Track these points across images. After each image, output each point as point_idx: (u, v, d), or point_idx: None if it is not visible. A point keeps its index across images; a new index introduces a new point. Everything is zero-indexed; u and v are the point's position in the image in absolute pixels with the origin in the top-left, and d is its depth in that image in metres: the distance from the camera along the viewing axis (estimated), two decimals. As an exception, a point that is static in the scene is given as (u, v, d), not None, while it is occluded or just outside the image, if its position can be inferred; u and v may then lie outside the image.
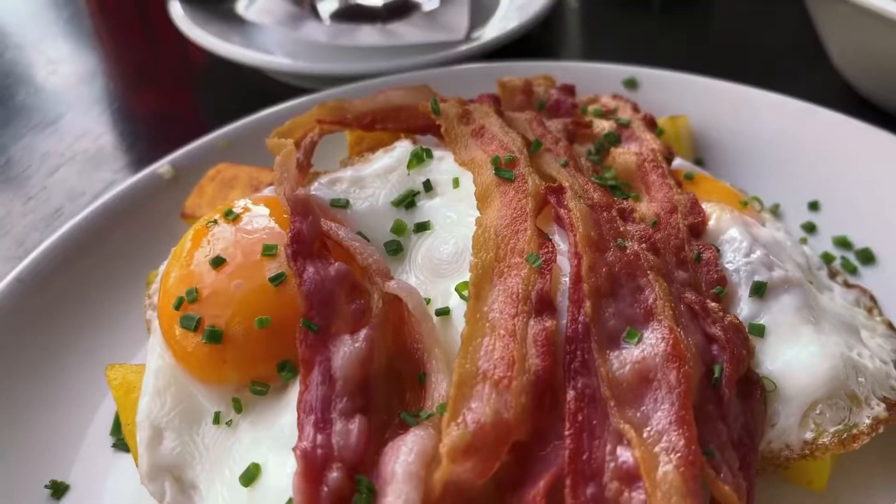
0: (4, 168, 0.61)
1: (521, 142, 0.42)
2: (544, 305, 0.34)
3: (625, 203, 0.40)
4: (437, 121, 0.44)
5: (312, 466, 0.31)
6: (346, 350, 0.34)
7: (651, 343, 0.33)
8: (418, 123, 0.47)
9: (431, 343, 0.35)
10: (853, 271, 0.49)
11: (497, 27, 0.71)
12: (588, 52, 0.79)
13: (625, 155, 0.45)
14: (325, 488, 0.31)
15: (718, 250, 0.40)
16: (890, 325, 0.45)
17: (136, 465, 0.37)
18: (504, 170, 0.39)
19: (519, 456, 0.33)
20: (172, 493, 0.36)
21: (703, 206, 0.42)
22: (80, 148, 0.63)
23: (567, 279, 0.35)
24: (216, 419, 0.36)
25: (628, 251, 0.36)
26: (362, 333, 0.34)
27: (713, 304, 0.37)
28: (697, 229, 0.40)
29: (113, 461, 0.40)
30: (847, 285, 0.47)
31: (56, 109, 0.67)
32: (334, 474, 0.31)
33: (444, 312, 0.37)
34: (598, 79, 0.58)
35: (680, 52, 0.74)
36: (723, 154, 0.56)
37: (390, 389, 0.35)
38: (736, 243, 0.40)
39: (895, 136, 0.51)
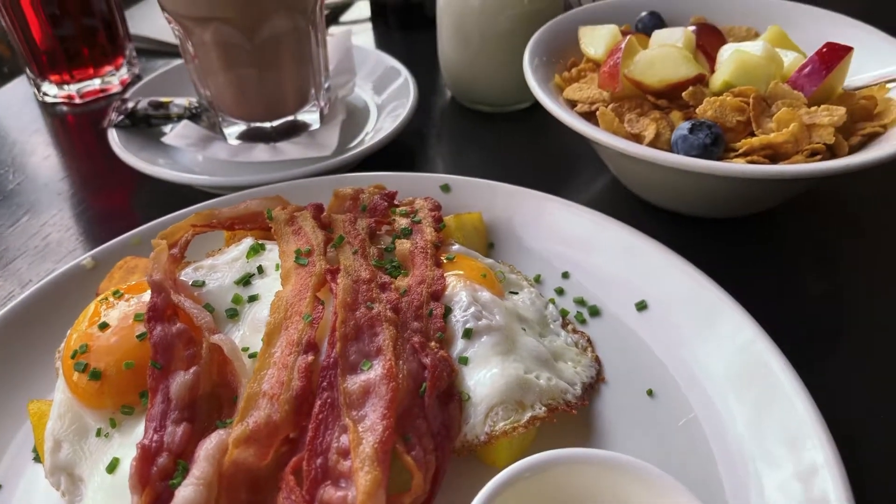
0: (-28, 262, 0.80)
1: (322, 237, 0.61)
2: (310, 347, 0.52)
3: (386, 278, 0.59)
4: (270, 224, 0.64)
5: (147, 454, 0.48)
6: (180, 381, 0.51)
7: (376, 369, 0.51)
8: (264, 225, 0.67)
9: (242, 376, 0.53)
10: (583, 322, 0.67)
11: (369, 139, 0.92)
12: (456, 151, 0.99)
13: (403, 244, 0.64)
14: (155, 468, 0.48)
15: (450, 308, 0.58)
16: (597, 359, 0.63)
17: (44, 467, 0.54)
18: (301, 258, 0.58)
19: (290, 445, 0.50)
20: (66, 484, 0.53)
21: (448, 278, 0.61)
22: (31, 244, 0.81)
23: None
24: (98, 433, 0.54)
25: (374, 311, 0.55)
26: (192, 370, 0.52)
27: (434, 344, 0.55)
28: (437, 294, 0.59)
29: (32, 467, 0.57)
30: (574, 331, 0.65)
31: (18, 213, 0.87)
32: (162, 459, 0.48)
33: (254, 355, 0.55)
34: (422, 184, 0.78)
35: (514, 159, 0.95)
36: (507, 239, 0.74)
37: (211, 406, 0.53)
38: (461, 303, 0.58)
39: (625, 225, 0.70)
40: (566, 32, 0.86)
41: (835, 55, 0.70)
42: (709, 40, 0.80)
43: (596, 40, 0.81)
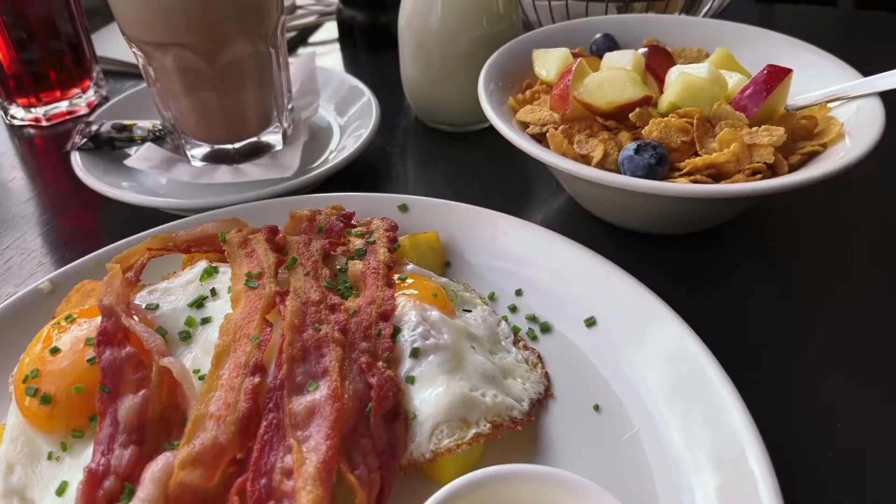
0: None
1: (274, 259, 0.62)
2: (257, 369, 0.53)
3: (336, 299, 0.60)
4: (224, 247, 0.65)
5: (94, 477, 0.49)
6: (128, 404, 0.52)
7: (321, 390, 0.52)
8: (220, 248, 0.68)
9: (191, 398, 0.54)
10: (534, 338, 0.68)
11: (332, 159, 0.93)
12: (419, 170, 1.01)
13: (356, 265, 0.65)
14: (101, 491, 0.49)
15: (399, 328, 0.59)
16: (546, 375, 0.64)
17: (-4, 491, 0.54)
18: (252, 280, 0.59)
19: (238, 466, 0.51)
20: (17, 506, 0.53)
21: (398, 298, 0.62)
22: (-8, 269, 0.82)
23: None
24: (49, 456, 0.54)
25: (321, 332, 0.56)
26: (141, 393, 0.53)
27: (381, 363, 0.56)
28: (387, 314, 0.60)
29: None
30: (525, 348, 0.67)
31: (-20, 239, 0.87)
32: (109, 482, 0.49)
33: (205, 377, 0.56)
34: (380, 204, 0.79)
35: (475, 177, 0.96)
36: (463, 258, 0.76)
37: (160, 429, 0.53)
38: (410, 323, 0.60)
39: (577, 244, 0.71)
40: (521, 55, 0.88)
41: (775, 77, 0.73)
42: (658, 62, 0.82)
43: (548, 63, 0.83)
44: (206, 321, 0.60)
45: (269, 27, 0.86)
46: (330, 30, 1.37)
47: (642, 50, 0.83)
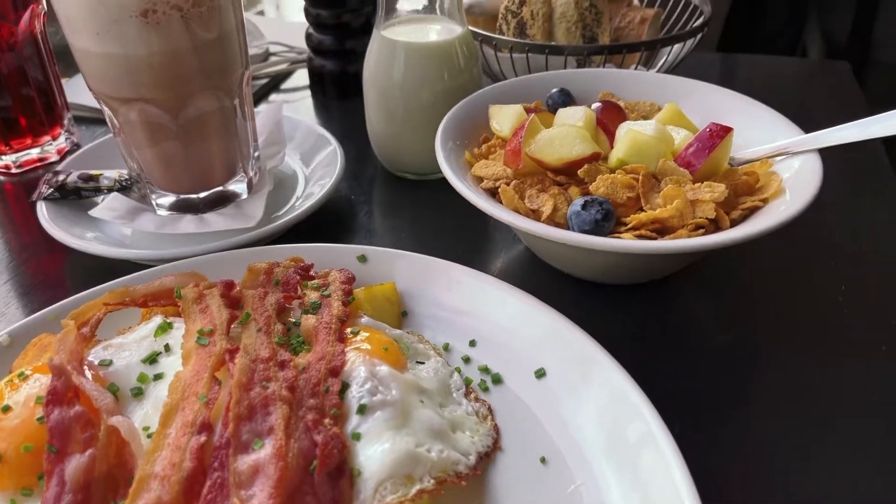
0: None
1: (227, 316, 0.64)
2: (204, 427, 0.54)
3: (287, 355, 0.61)
4: (178, 303, 0.66)
5: (37, 538, 0.50)
6: (75, 464, 0.53)
7: (266, 448, 0.53)
8: (176, 302, 0.69)
9: (139, 457, 0.55)
10: (486, 389, 0.70)
11: (297, 207, 0.95)
12: (383, 217, 1.03)
13: (309, 319, 0.67)
14: (44, 552, 0.49)
15: (347, 384, 0.61)
16: (496, 427, 0.66)
17: (-60, 552, 0.54)
18: (203, 338, 0.61)
19: (182, 526, 0.52)
20: (-39, 568, 0.54)
21: (349, 353, 0.64)
22: (-47, 320, 0.83)
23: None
24: (-4, 515, 0.55)
25: (269, 390, 0.57)
26: (88, 452, 0.54)
27: (328, 420, 0.57)
28: (336, 370, 0.61)
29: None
30: (476, 400, 0.68)
31: (-58, 289, 0.88)
32: (52, 543, 0.50)
33: (152, 435, 0.57)
34: (340, 255, 0.81)
35: (436, 225, 0.98)
36: (419, 308, 0.77)
37: (107, 488, 0.54)
38: (359, 378, 0.61)
39: (529, 295, 0.73)
40: (479, 109, 0.91)
41: (717, 135, 0.76)
42: (610, 117, 0.85)
43: (503, 119, 0.86)
44: (158, 377, 0.61)
45: (233, 82, 0.88)
46: (301, 77, 1.40)
47: (596, 105, 0.87)
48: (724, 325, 0.80)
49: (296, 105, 1.32)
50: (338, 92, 1.29)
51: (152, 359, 0.63)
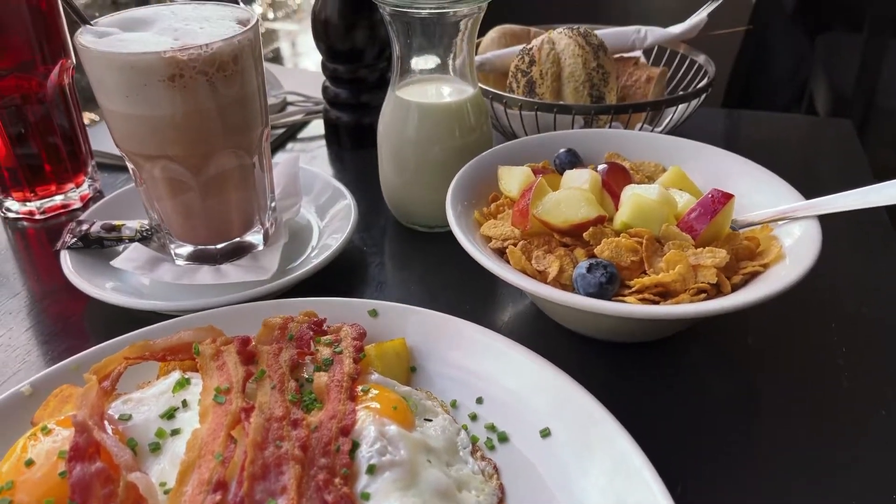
0: (-83, 383, 0.83)
1: (243, 374, 0.66)
2: (219, 486, 0.56)
3: (299, 414, 0.64)
4: (196, 359, 0.69)
5: None
6: (95, 519, 0.55)
7: (279, 508, 0.55)
8: (193, 357, 0.71)
9: (156, 512, 0.57)
10: (492, 448, 0.71)
11: (311, 259, 0.98)
12: (394, 269, 1.05)
13: (321, 377, 0.69)
14: None
15: (358, 443, 0.63)
16: (501, 487, 0.67)
17: None
18: (220, 396, 0.63)
19: (195, 584, 0.54)
20: None
21: (359, 412, 0.66)
22: (-24, 366, 0.85)
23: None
24: (16, 569, 0.57)
25: (282, 449, 0.59)
26: (108, 507, 0.56)
27: (338, 480, 0.59)
28: (346, 430, 0.63)
29: None
30: (482, 458, 0.70)
31: (-34, 334, 0.90)
32: None
33: (169, 491, 0.59)
34: (352, 309, 0.83)
35: (445, 278, 1.01)
36: (428, 364, 0.79)
37: (124, 544, 0.56)
38: (368, 438, 0.63)
39: (534, 353, 0.75)
40: (488, 168, 0.94)
41: (719, 202, 0.78)
42: (615, 179, 0.88)
43: (512, 180, 0.89)
44: (175, 433, 0.64)
45: (253, 139, 0.92)
46: (317, 127, 1.44)
47: (601, 167, 0.90)
48: (727, 384, 0.82)
49: (311, 154, 1.36)
50: (352, 143, 1.33)
51: (170, 414, 0.65)
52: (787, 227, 0.81)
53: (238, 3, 1.23)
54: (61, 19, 1.09)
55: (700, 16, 1.26)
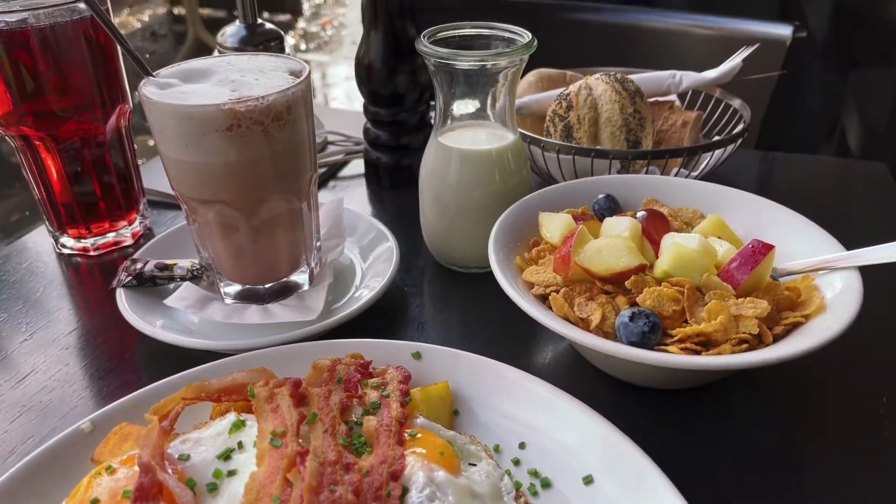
0: (-21, 417, 0.86)
1: (296, 417, 0.68)
2: (277, 529, 0.59)
3: (351, 458, 0.66)
4: (252, 401, 0.71)
5: None
6: (158, 558, 0.58)
7: (334, 552, 0.57)
8: (247, 398, 0.74)
9: (215, 553, 0.59)
10: (535, 494, 0.72)
11: (353, 300, 1.01)
12: (434, 310, 1.08)
13: (370, 421, 0.71)
14: None
15: (407, 488, 0.65)
16: (545, 533, 0.69)
17: None
18: (276, 439, 0.65)
19: None
20: None
21: (408, 457, 0.67)
22: (36, 400, 0.89)
23: (296, 511, 0.60)
24: None
25: (336, 494, 0.61)
26: (170, 547, 0.58)
27: (390, 525, 0.61)
28: (396, 475, 0.65)
29: None
30: (525, 504, 0.71)
31: (26, 369, 0.94)
32: None
33: (228, 532, 0.61)
34: (395, 351, 0.86)
35: (484, 320, 1.03)
36: (471, 408, 0.81)
37: (185, 583, 0.58)
38: (418, 483, 0.65)
39: (577, 400, 0.77)
40: (528, 213, 0.96)
41: (759, 252, 0.80)
42: (654, 226, 0.90)
43: (553, 227, 0.91)
44: (232, 473, 0.66)
45: (303, 185, 0.95)
46: (357, 166, 1.48)
47: (640, 214, 0.91)
48: (767, 432, 0.82)
49: (351, 192, 1.40)
50: (391, 182, 1.37)
51: (227, 455, 0.67)
52: (828, 278, 0.82)
53: (287, 53, 1.28)
54: (121, 65, 1.15)
55: (735, 61, 1.28)
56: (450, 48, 0.99)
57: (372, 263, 1.08)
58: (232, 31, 1.34)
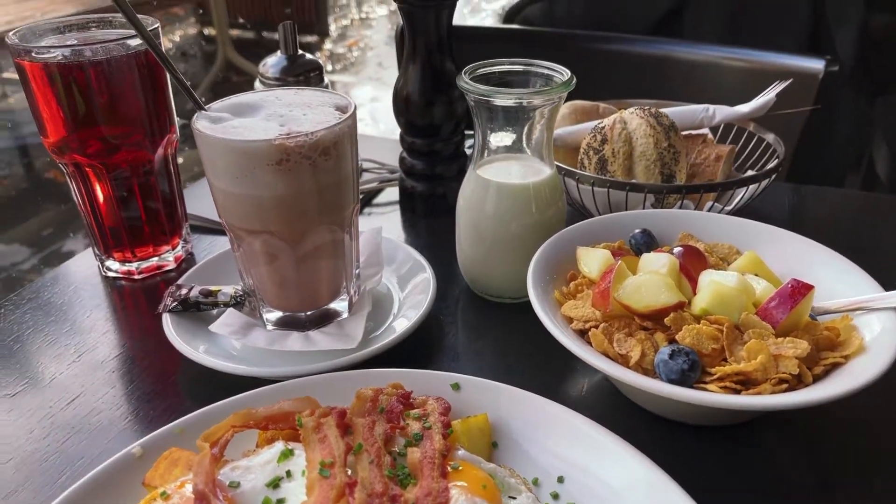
0: (29, 439, 0.89)
1: (343, 448, 0.70)
2: (327, 559, 0.60)
3: (397, 490, 0.67)
4: (299, 430, 0.73)
5: None
6: (213, 585, 0.59)
7: (383, 584, 0.59)
8: (294, 427, 0.76)
9: (266, 581, 0.61)
10: (575, 529, 0.74)
11: (391, 329, 1.03)
12: (470, 340, 1.09)
13: (413, 453, 0.73)
14: None
15: (452, 521, 0.66)
16: (585, 569, 0.69)
17: None
18: (324, 469, 0.67)
19: None
20: None
21: (451, 490, 0.69)
22: (85, 423, 0.92)
23: (345, 542, 0.62)
24: None
25: (384, 525, 0.63)
26: (224, 574, 0.60)
27: (436, 558, 0.62)
28: (441, 507, 0.67)
29: None
30: (566, 540, 0.72)
31: (74, 392, 0.97)
32: None
33: (278, 560, 0.63)
34: (435, 382, 0.87)
35: (521, 350, 1.04)
36: (509, 440, 0.82)
37: None
38: (462, 517, 0.66)
39: (615, 435, 0.78)
40: (565, 246, 0.98)
41: (798, 292, 0.81)
42: (692, 262, 0.91)
43: (591, 262, 0.93)
44: (280, 502, 0.68)
45: (346, 216, 0.98)
46: (391, 193, 1.51)
47: (677, 250, 0.93)
48: (804, 472, 0.82)
49: (386, 219, 1.43)
50: (425, 211, 1.39)
51: (275, 483, 0.69)
52: (866, 318, 0.83)
53: (325, 84, 1.32)
54: (170, 96, 1.19)
55: (768, 96, 1.30)
56: (489, 84, 1.01)
57: (409, 294, 1.10)
58: (273, 62, 1.38)
